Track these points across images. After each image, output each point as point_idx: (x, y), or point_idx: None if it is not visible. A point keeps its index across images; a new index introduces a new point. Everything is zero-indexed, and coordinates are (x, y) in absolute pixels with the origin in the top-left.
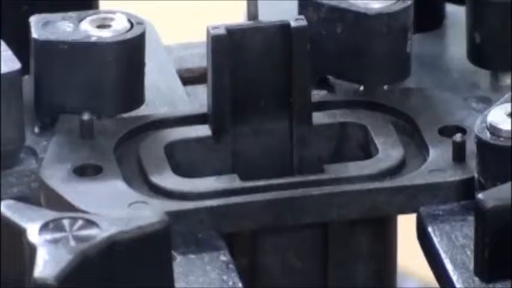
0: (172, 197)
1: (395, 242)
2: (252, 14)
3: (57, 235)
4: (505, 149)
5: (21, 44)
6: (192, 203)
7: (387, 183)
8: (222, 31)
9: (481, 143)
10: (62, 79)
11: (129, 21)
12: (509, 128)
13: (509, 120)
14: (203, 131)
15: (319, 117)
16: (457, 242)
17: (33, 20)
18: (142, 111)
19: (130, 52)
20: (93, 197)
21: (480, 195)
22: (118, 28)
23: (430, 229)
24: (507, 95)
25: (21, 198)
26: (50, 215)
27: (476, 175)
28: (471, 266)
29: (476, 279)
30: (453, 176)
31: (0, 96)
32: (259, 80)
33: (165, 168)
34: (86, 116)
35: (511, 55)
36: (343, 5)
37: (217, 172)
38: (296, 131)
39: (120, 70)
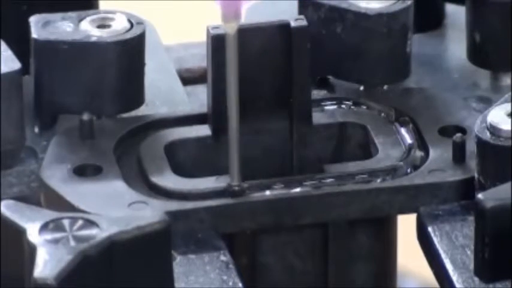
0: (172, 197)
1: (395, 242)
2: None
3: (57, 235)
4: (505, 149)
5: (21, 44)
6: (192, 203)
7: (387, 183)
8: (222, 31)
9: (481, 143)
10: (62, 79)
11: (129, 21)
12: (509, 128)
13: (509, 120)
14: (203, 131)
15: (319, 117)
16: (457, 242)
17: (33, 20)
18: (142, 111)
19: (130, 52)
20: (93, 197)
21: (480, 195)
22: (118, 28)
23: (430, 229)
24: (507, 95)
25: (21, 198)
26: (50, 215)
27: (476, 175)
28: (471, 266)
29: (476, 279)
30: (453, 176)
31: (0, 96)
32: (259, 80)
33: (165, 168)
34: (86, 116)
35: (511, 55)
36: (343, 5)
37: (217, 172)
38: (296, 131)
39: (120, 70)
